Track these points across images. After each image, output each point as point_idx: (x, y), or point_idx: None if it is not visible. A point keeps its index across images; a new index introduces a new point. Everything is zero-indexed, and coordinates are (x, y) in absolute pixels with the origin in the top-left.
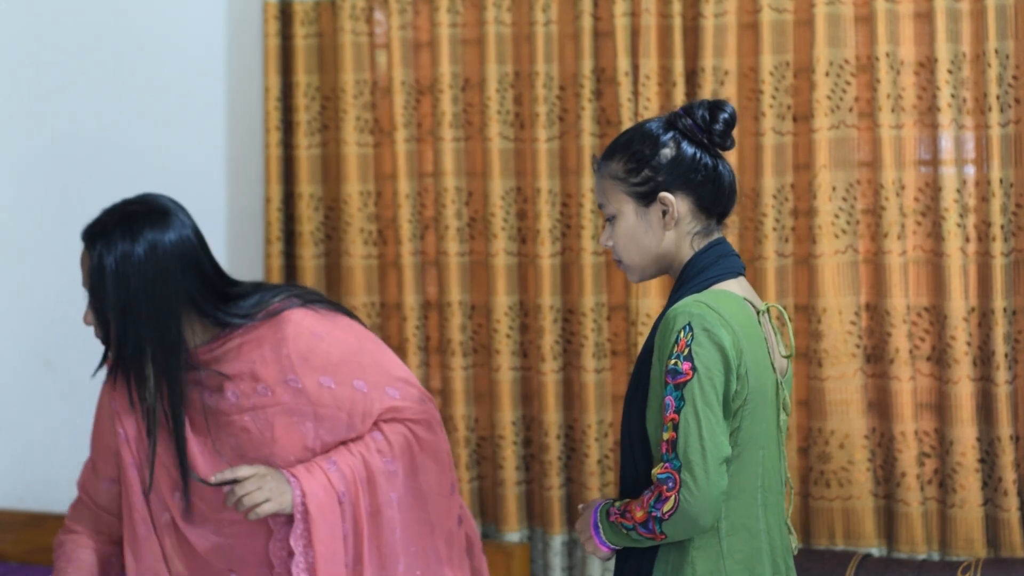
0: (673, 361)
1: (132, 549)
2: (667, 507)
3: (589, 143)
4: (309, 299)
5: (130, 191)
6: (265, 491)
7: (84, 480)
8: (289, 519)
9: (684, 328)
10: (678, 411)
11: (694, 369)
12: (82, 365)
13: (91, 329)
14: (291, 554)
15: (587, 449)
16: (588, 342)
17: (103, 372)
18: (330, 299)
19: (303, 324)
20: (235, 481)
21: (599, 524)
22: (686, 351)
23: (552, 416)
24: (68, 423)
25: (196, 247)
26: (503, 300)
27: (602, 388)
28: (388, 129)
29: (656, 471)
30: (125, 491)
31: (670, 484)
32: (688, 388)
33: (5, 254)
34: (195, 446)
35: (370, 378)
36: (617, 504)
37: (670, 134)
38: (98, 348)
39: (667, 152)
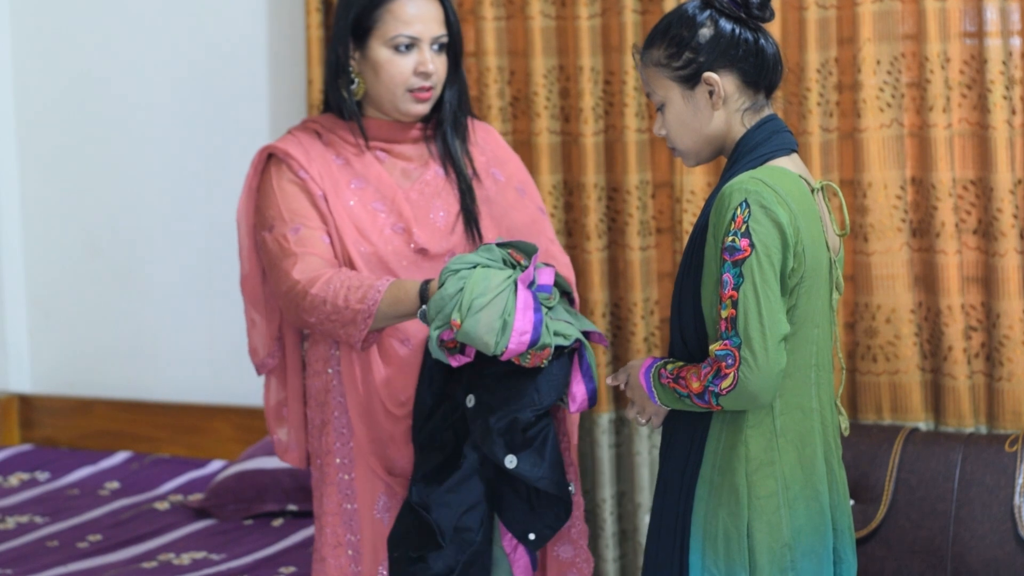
0: (730, 238)
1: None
2: (725, 384)
3: (631, 20)
4: None
5: (170, 71)
6: None
7: (303, 239)
8: None
9: (741, 205)
10: (737, 288)
11: (752, 246)
12: (126, 250)
13: (135, 214)
14: None
15: (633, 327)
16: (633, 220)
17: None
18: None
19: (499, 137)
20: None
21: (653, 390)
22: (743, 228)
23: (598, 294)
24: (114, 308)
25: None
26: (547, 179)
27: (648, 266)
28: None
29: (715, 348)
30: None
31: (729, 361)
32: (747, 265)
33: (45, 139)
34: None
35: (544, 215)
36: (669, 367)
37: (707, 13)
38: (142, 233)
39: (705, 32)
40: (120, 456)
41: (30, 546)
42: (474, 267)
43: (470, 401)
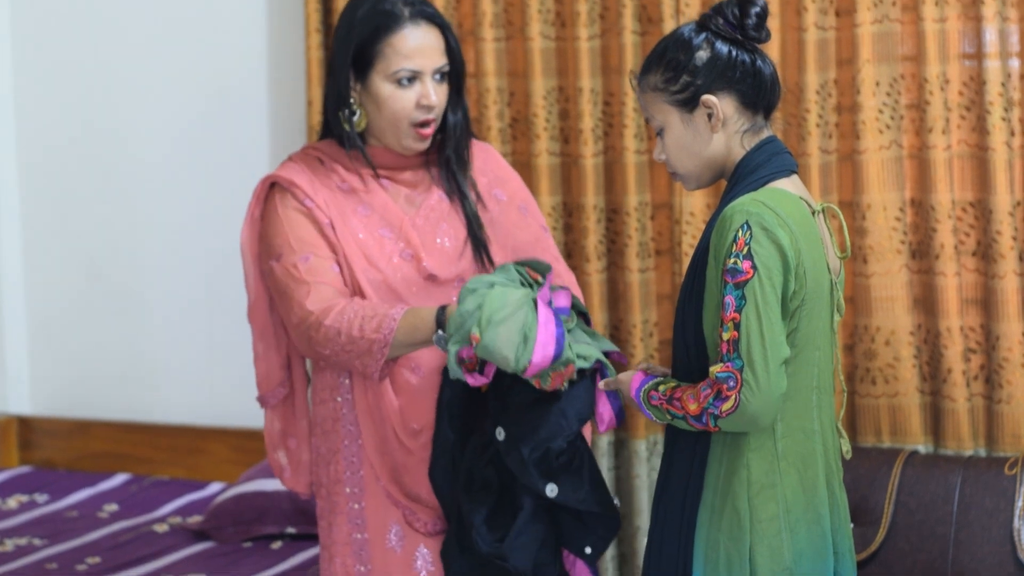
0: (732, 260)
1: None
2: (726, 406)
3: (631, 41)
4: None
5: (170, 92)
6: None
7: (313, 268)
8: None
9: (742, 227)
10: (739, 310)
11: (754, 268)
12: (126, 273)
13: (134, 237)
14: None
15: (632, 349)
16: (632, 242)
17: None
18: None
19: (499, 156)
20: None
21: (647, 411)
22: (745, 250)
23: (598, 316)
24: (113, 331)
25: None
26: (547, 200)
27: (647, 288)
28: None
29: (716, 370)
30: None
31: (731, 383)
32: (749, 287)
33: (47, 163)
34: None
35: (547, 233)
36: (661, 388)
37: (703, 36)
38: (142, 256)
39: (702, 54)
40: (119, 478)
41: (29, 569)
42: (492, 286)
43: (500, 434)
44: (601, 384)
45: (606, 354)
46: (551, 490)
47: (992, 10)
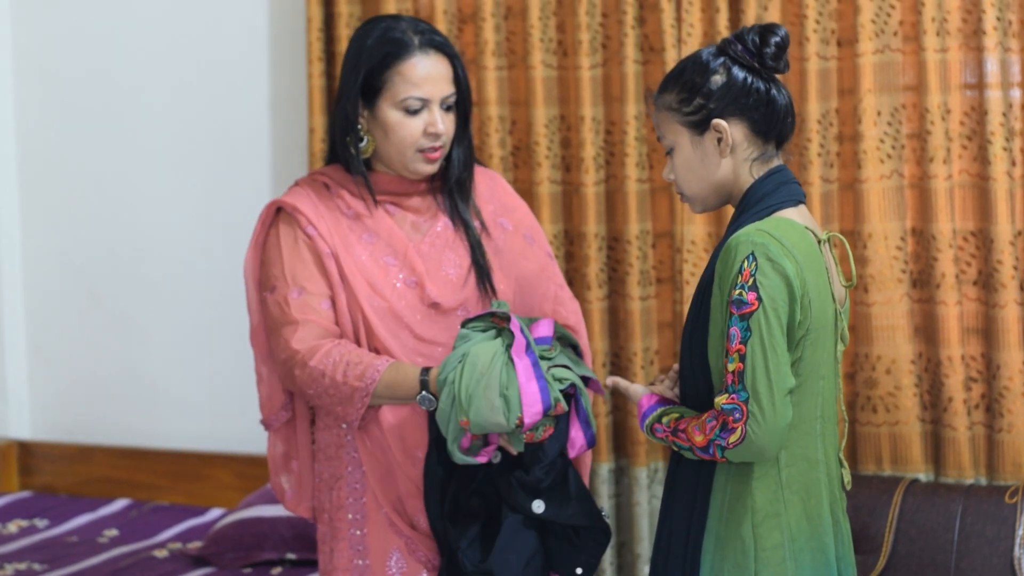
0: (737, 291)
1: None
2: (733, 438)
3: (633, 70)
4: None
5: (172, 119)
6: None
7: (303, 304)
8: None
9: (748, 258)
10: (744, 342)
11: (759, 299)
12: (127, 298)
13: (136, 262)
14: None
15: (633, 377)
16: (633, 270)
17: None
18: None
19: (506, 184)
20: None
21: (648, 432)
22: (750, 281)
23: (598, 344)
24: (114, 356)
25: None
26: (548, 228)
27: (648, 316)
28: None
29: (721, 401)
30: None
31: (736, 415)
32: (754, 319)
33: (47, 186)
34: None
35: (552, 261)
36: (665, 420)
37: (720, 60)
38: (143, 281)
39: (718, 79)
40: (119, 503)
41: None
42: (460, 361)
43: (496, 457)
44: (609, 381)
45: (586, 381)
46: (538, 506)
47: (993, 40)
